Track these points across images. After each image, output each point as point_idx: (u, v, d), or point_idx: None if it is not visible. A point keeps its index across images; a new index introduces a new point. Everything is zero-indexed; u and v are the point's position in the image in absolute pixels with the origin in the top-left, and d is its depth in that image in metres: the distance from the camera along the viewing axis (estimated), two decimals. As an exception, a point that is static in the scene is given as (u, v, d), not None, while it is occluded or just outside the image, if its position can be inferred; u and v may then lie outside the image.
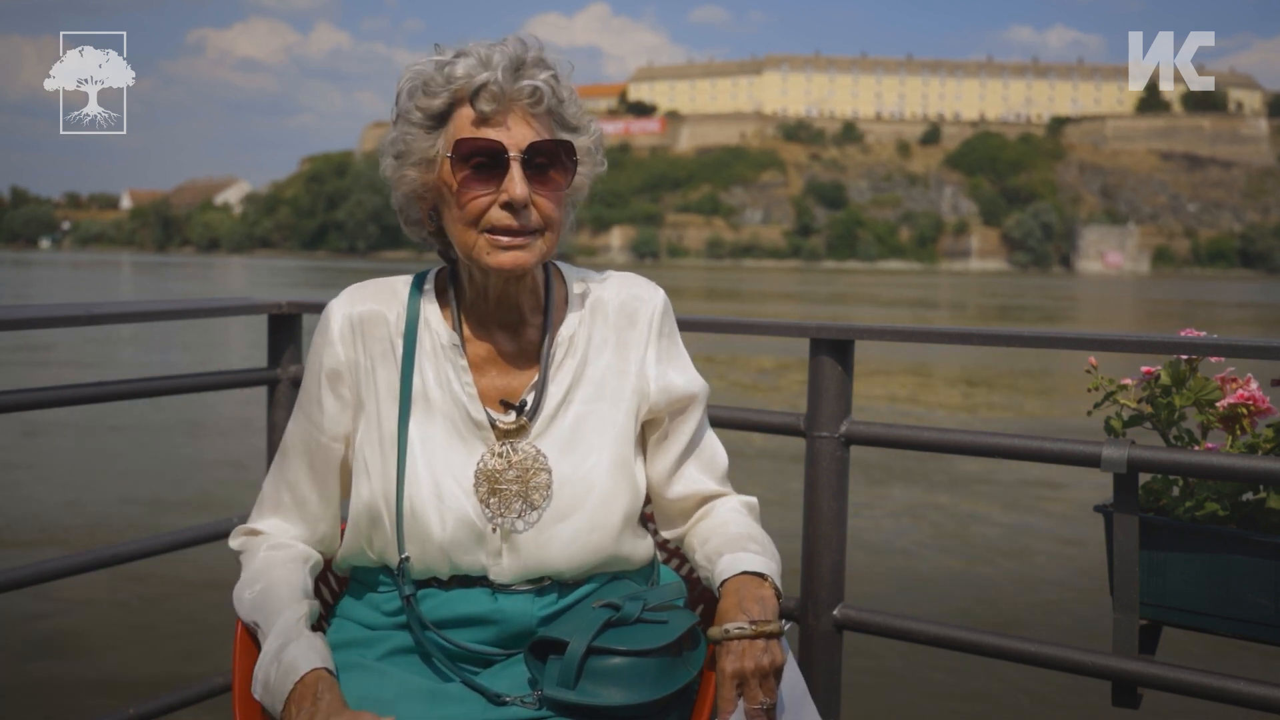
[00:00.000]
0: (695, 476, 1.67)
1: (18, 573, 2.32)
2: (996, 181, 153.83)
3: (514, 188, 1.47)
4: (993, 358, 20.26)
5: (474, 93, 1.47)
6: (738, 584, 1.51)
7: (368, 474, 1.56)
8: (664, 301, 1.67)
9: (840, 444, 2.27)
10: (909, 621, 2.25)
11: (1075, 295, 66.00)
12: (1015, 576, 7.01)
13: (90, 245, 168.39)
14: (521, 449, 1.55)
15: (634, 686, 1.44)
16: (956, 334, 2.28)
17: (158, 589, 5.68)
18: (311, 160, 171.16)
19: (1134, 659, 1.98)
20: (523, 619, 1.53)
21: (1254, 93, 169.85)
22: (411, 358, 1.57)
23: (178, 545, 2.66)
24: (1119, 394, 2.05)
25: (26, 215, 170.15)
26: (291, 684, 1.41)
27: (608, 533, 1.55)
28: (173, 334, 22.13)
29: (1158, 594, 1.97)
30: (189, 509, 7.92)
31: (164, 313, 2.79)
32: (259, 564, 1.58)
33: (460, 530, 1.51)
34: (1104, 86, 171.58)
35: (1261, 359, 1.93)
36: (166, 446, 10.91)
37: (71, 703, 4.44)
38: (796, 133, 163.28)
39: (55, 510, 7.99)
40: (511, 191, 1.47)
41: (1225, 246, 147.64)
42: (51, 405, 2.41)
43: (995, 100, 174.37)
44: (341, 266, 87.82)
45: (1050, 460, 2.10)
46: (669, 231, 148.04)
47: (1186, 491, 1.99)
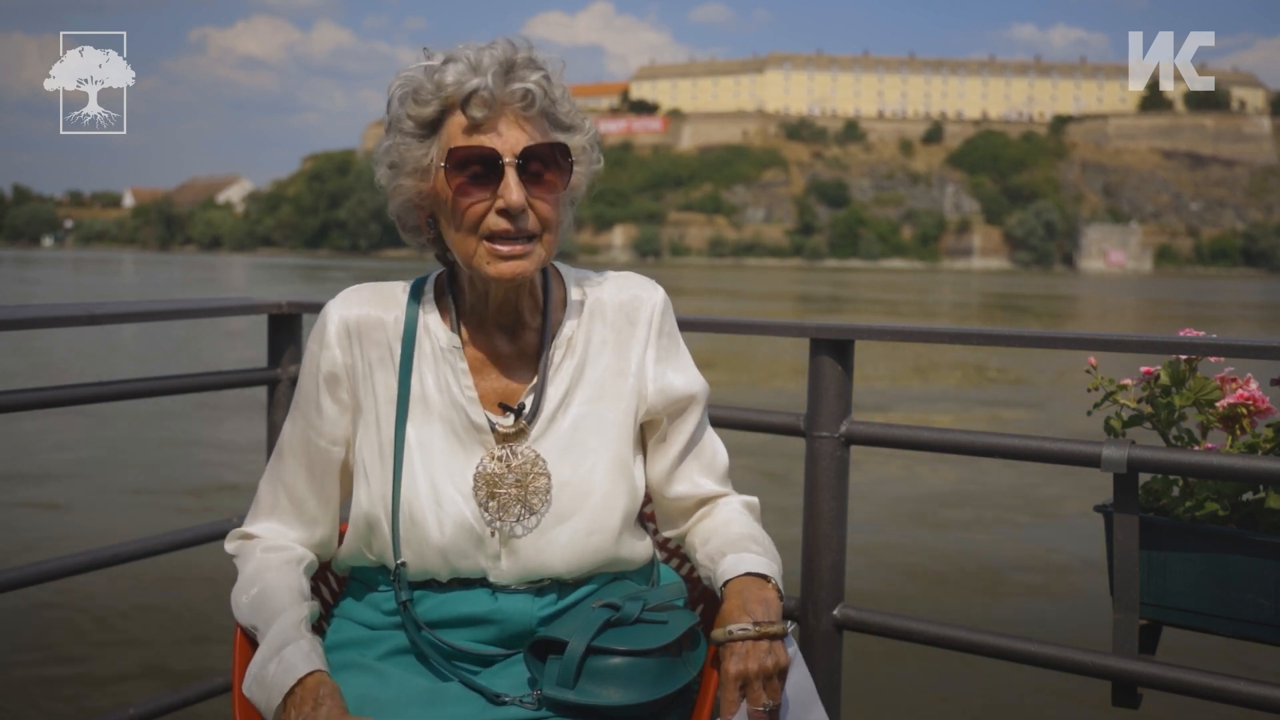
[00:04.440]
0: (695, 476, 1.67)
1: (18, 573, 2.32)
2: (999, 180, 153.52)
3: (510, 194, 1.46)
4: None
5: (465, 99, 1.46)
6: (740, 585, 1.51)
7: (366, 478, 1.55)
8: (664, 301, 1.66)
9: (840, 444, 2.27)
10: (909, 621, 2.24)
11: (1077, 295, 65.89)
12: (1015, 576, 7.01)
13: (93, 243, 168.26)
14: (520, 452, 1.54)
15: (633, 686, 1.44)
16: (956, 334, 2.28)
17: (158, 589, 5.68)
18: (313, 158, 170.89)
19: (1134, 659, 1.98)
20: (522, 619, 1.53)
21: (1257, 91, 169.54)
22: (410, 361, 1.57)
23: (178, 545, 2.66)
24: (1119, 394, 2.05)
25: (29, 213, 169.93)
26: (290, 683, 1.40)
27: (607, 535, 1.55)
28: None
29: (1158, 594, 1.97)
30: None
31: (164, 313, 2.79)
32: (254, 567, 1.58)
33: (458, 535, 1.51)
34: (1106, 85, 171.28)
35: (1261, 359, 1.93)
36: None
37: (71, 703, 4.44)
38: (799, 131, 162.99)
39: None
40: (508, 197, 1.46)
41: (1228, 245, 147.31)
42: (51, 405, 2.41)
43: (998, 99, 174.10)
44: (344, 265, 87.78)
45: (1050, 460, 2.10)
46: (671, 230, 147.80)
47: (1186, 491, 1.99)
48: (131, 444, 10.80)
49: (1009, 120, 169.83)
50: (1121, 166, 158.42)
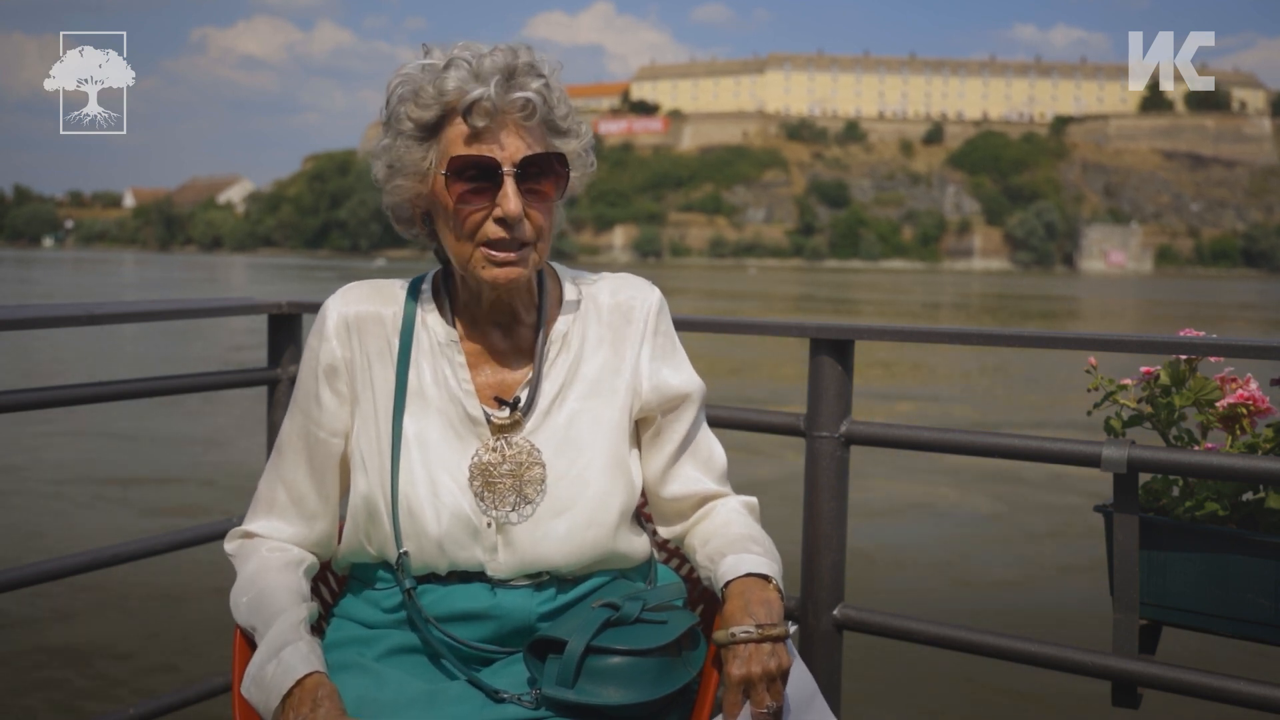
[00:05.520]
0: (692, 475, 1.67)
1: (18, 572, 2.32)
2: (999, 180, 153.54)
3: (508, 204, 1.47)
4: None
5: (467, 108, 1.46)
6: (742, 586, 1.51)
7: (365, 470, 1.56)
8: (659, 300, 1.68)
9: (840, 444, 2.27)
10: (909, 621, 2.25)
11: (1077, 295, 65.88)
12: (1015, 576, 7.00)
13: (93, 244, 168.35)
14: (516, 444, 1.55)
15: (633, 686, 1.44)
16: (957, 334, 2.28)
17: (157, 589, 5.67)
18: (314, 159, 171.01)
19: (1134, 659, 1.98)
20: (521, 614, 1.53)
21: (1257, 92, 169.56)
22: (408, 356, 1.59)
23: (178, 545, 2.66)
24: (1119, 394, 2.05)
25: (29, 214, 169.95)
26: (289, 684, 1.40)
27: (604, 528, 1.55)
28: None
29: (1158, 594, 1.97)
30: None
31: (164, 313, 2.79)
32: (254, 568, 1.58)
33: (455, 524, 1.52)
34: (1107, 85, 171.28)
35: (1261, 359, 1.93)
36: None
37: (71, 703, 4.44)
38: (799, 132, 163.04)
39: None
40: (506, 207, 1.47)
41: (1228, 246, 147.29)
42: (51, 405, 2.41)
43: (998, 99, 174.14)
44: (345, 265, 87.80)
45: (1050, 460, 2.10)
46: (672, 231, 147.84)
47: (1186, 491, 1.99)
48: (131, 444, 10.81)
49: (1009, 121, 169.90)
50: (1122, 167, 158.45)
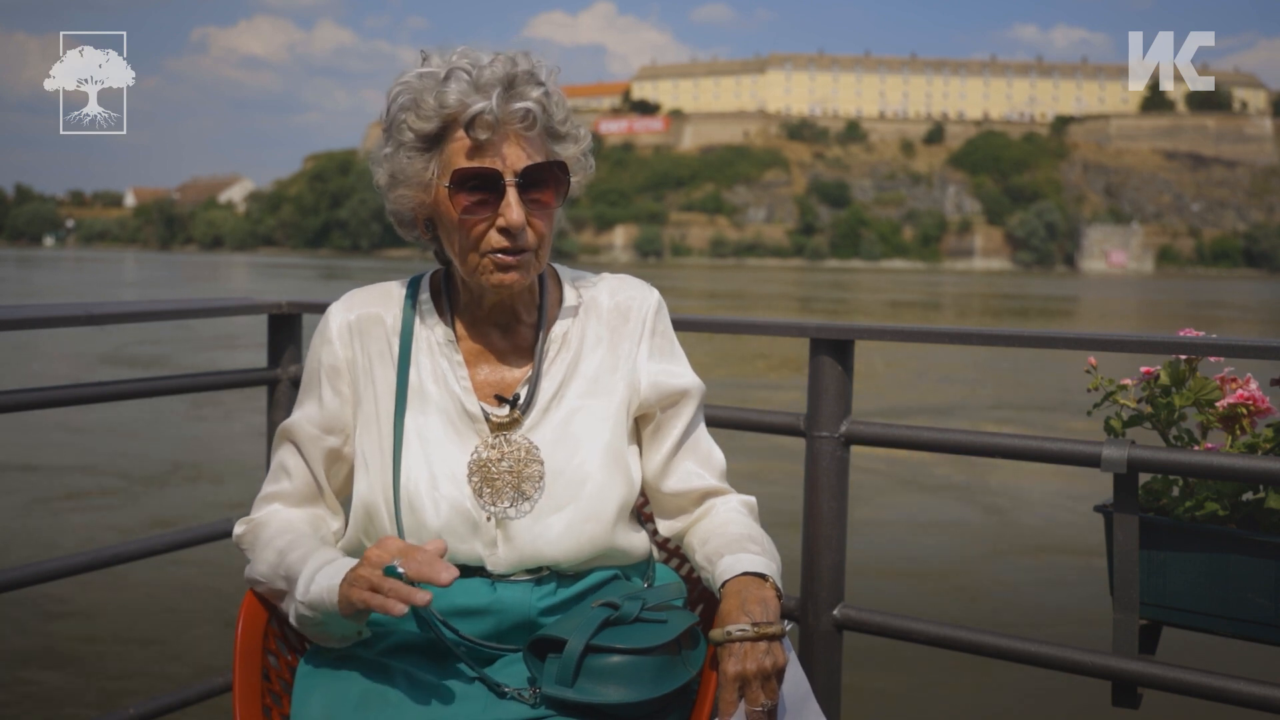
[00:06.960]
0: (693, 470, 1.68)
1: (18, 572, 2.32)
2: (1000, 180, 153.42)
3: (511, 214, 1.49)
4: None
5: (469, 121, 1.48)
6: (739, 585, 1.51)
7: (366, 468, 1.58)
8: (658, 301, 1.70)
9: (840, 444, 2.27)
10: (909, 621, 2.24)
11: (1078, 295, 65.85)
12: (1015, 576, 7.00)
13: (94, 243, 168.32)
14: (514, 441, 1.57)
15: (632, 685, 1.44)
16: (956, 334, 2.28)
17: (158, 589, 5.68)
18: (315, 158, 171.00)
19: (1134, 659, 1.98)
20: (522, 609, 1.54)
21: (1258, 92, 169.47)
22: (408, 355, 1.61)
23: (178, 545, 2.66)
24: (1119, 394, 2.05)
25: (30, 213, 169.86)
26: (342, 574, 1.44)
27: (603, 524, 1.57)
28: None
29: (1158, 594, 1.97)
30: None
31: (164, 313, 2.79)
32: (275, 528, 1.61)
33: (455, 519, 1.53)
34: (1108, 85, 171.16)
35: (1261, 359, 1.93)
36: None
37: (72, 703, 4.44)
38: (800, 131, 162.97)
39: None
40: (509, 217, 1.49)
41: (1229, 246, 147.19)
42: (51, 405, 2.41)
43: (999, 99, 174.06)
44: (345, 265, 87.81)
45: (1050, 460, 2.10)
46: (672, 230, 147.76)
47: (1186, 491, 1.99)
48: (132, 443, 10.81)
49: (1010, 121, 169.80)
50: (1123, 167, 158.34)
